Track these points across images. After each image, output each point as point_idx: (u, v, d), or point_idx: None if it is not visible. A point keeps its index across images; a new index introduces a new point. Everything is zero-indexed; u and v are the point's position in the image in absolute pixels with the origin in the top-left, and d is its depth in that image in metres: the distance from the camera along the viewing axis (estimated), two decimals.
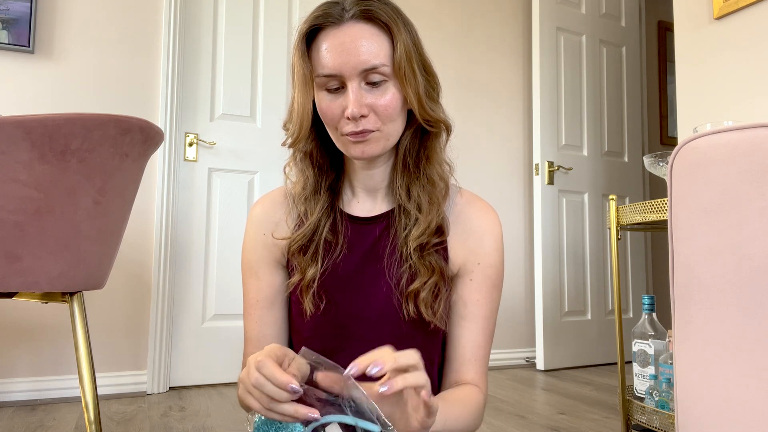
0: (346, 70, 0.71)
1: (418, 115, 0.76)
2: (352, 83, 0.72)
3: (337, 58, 0.71)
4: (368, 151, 0.75)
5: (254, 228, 0.85)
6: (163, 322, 2.29)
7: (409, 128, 0.79)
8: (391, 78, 0.73)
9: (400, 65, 0.72)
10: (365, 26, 0.72)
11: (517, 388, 2.44)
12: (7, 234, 1.06)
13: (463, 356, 0.82)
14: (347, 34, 0.71)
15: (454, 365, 0.83)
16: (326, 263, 0.79)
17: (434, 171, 0.80)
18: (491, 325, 0.83)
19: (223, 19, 2.53)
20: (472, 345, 0.82)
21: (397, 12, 0.75)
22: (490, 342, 0.84)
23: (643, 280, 3.31)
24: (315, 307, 0.78)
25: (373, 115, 0.73)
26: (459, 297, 0.83)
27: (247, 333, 0.86)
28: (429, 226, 0.77)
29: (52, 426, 1.79)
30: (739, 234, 0.53)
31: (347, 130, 0.73)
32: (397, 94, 0.74)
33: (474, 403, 0.77)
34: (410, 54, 0.73)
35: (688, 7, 2.09)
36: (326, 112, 0.75)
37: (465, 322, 0.82)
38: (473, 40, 3.07)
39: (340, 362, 0.79)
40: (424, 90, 0.75)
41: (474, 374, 0.82)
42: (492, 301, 0.83)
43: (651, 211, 1.44)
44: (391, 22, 0.72)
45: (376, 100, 0.73)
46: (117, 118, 1.14)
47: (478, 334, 0.82)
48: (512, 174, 3.11)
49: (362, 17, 0.72)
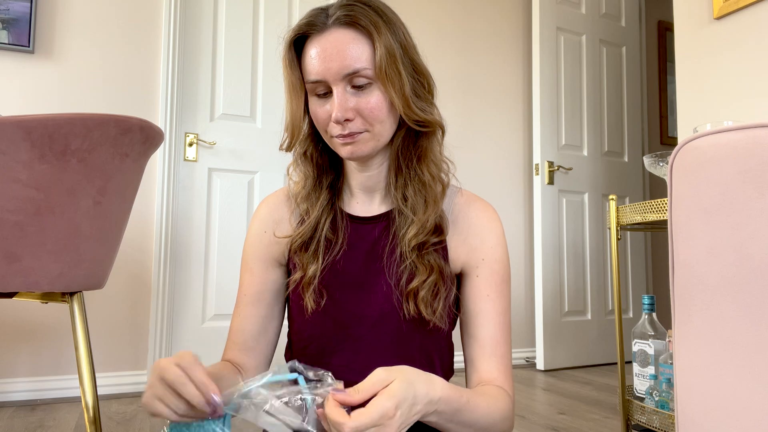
0: (329, 76, 0.73)
1: (404, 116, 0.76)
2: (337, 88, 0.73)
3: (321, 65, 0.73)
4: (357, 151, 0.76)
5: (257, 225, 0.87)
6: (163, 322, 2.29)
7: (401, 129, 0.80)
8: (375, 80, 0.74)
9: (381, 67, 0.72)
10: (347, 31, 0.73)
11: (517, 388, 2.44)
12: (7, 234, 1.06)
13: (482, 354, 0.80)
14: (329, 40, 0.73)
15: (475, 364, 0.81)
16: (326, 260, 0.80)
17: (427, 171, 0.80)
18: (506, 320, 0.82)
19: (223, 19, 2.53)
20: (490, 342, 0.80)
21: (380, 13, 0.75)
22: (508, 339, 0.82)
23: (643, 280, 3.31)
24: (315, 304, 0.79)
25: (360, 118, 0.74)
26: (468, 295, 0.82)
27: (230, 325, 0.87)
28: (424, 227, 0.77)
29: (52, 426, 1.79)
30: (739, 234, 0.53)
31: (335, 132, 0.75)
32: (381, 96, 0.74)
33: (500, 402, 0.74)
34: (393, 55, 0.73)
35: (688, 7, 2.09)
36: (316, 117, 0.77)
37: (479, 320, 0.81)
38: (473, 39, 3.07)
39: (341, 360, 0.79)
40: (411, 90, 0.75)
41: (497, 372, 0.80)
42: (503, 296, 0.82)
43: (651, 211, 1.44)
44: (371, 26, 0.73)
45: (360, 103, 0.74)
46: (117, 118, 1.14)
47: (495, 330, 0.81)
48: (512, 174, 3.11)
49: (344, 23, 0.73)
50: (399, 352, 0.79)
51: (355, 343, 0.79)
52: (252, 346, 0.85)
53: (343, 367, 0.79)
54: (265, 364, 0.88)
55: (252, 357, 0.85)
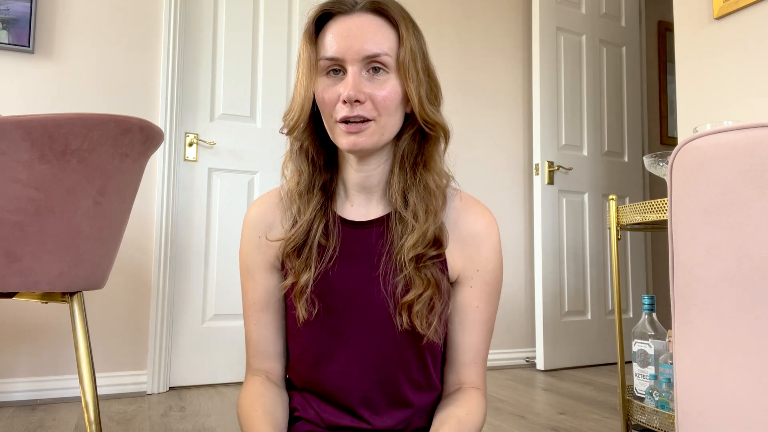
0: (348, 55, 0.72)
1: (418, 114, 0.75)
2: (353, 68, 0.72)
3: (342, 42, 0.72)
4: (360, 143, 0.73)
5: (249, 230, 0.85)
6: (163, 322, 2.29)
7: (408, 130, 0.79)
8: (393, 71, 0.73)
9: (404, 61, 0.73)
10: (375, 18, 0.74)
11: (517, 388, 2.44)
12: (7, 234, 1.06)
13: (464, 360, 0.83)
14: (355, 22, 0.73)
15: (455, 367, 0.84)
16: (319, 269, 0.78)
17: (431, 179, 0.79)
18: (490, 327, 0.85)
19: (223, 19, 2.53)
20: (473, 349, 0.83)
21: (408, 16, 0.77)
22: (488, 343, 0.85)
23: (643, 280, 3.31)
24: (308, 314, 0.78)
25: (370, 104, 0.73)
26: (460, 303, 0.83)
27: (247, 335, 0.86)
28: (424, 236, 0.76)
29: (52, 426, 1.79)
30: (739, 234, 0.53)
31: (341, 114, 0.73)
32: (397, 87, 0.74)
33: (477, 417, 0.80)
34: (416, 55, 0.74)
35: (688, 7, 2.09)
36: (323, 97, 0.74)
37: (466, 328, 0.83)
38: (473, 39, 3.07)
39: (337, 367, 0.79)
40: (425, 91, 0.76)
41: (475, 376, 0.84)
42: (491, 306, 0.84)
43: (651, 211, 1.44)
44: (400, 20, 0.74)
45: (374, 89, 0.73)
46: (117, 118, 1.14)
47: (479, 338, 0.83)
48: (512, 174, 3.11)
49: (373, 9, 0.74)
50: (394, 358, 0.78)
51: (351, 350, 0.78)
52: (277, 351, 0.86)
53: (339, 374, 0.78)
54: (286, 366, 0.88)
55: (279, 362, 0.86)
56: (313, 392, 0.81)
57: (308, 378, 0.81)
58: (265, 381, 0.83)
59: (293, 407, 0.83)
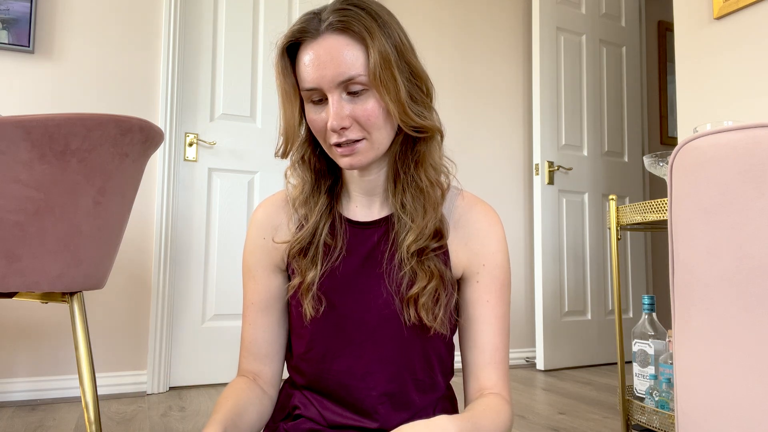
0: (324, 84, 0.71)
1: (401, 123, 0.75)
2: (332, 95, 0.72)
3: (315, 72, 0.72)
4: (356, 163, 0.75)
5: (255, 231, 0.86)
6: (163, 322, 2.29)
7: (399, 134, 0.79)
8: (370, 87, 0.72)
9: (375, 74, 0.71)
10: (340, 37, 0.71)
11: (517, 388, 2.44)
12: (7, 234, 1.06)
13: (482, 360, 0.81)
14: (322, 47, 0.71)
15: (474, 371, 0.81)
16: (325, 266, 0.79)
17: (425, 176, 0.79)
18: (506, 325, 0.82)
19: (223, 19, 2.53)
20: (489, 347, 0.81)
21: (374, 16, 0.73)
22: (507, 344, 0.82)
23: (643, 280, 3.31)
24: (314, 311, 0.78)
25: (356, 125, 0.73)
26: (468, 300, 0.82)
27: (242, 334, 0.87)
28: (422, 233, 0.76)
29: (52, 426, 1.79)
30: (739, 234, 0.53)
31: (333, 141, 0.74)
32: (378, 102, 0.73)
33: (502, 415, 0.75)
34: (388, 60, 0.72)
35: (688, 7, 2.09)
36: (313, 125, 0.76)
37: (478, 325, 0.81)
38: (473, 39, 3.07)
39: (341, 365, 0.79)
40: (407, 95, 0.74)
41: (496, 378, 0.80)
42: (503, 301, 0.82)
43: (651, 211, 1.44)
44: (364, 31, 0.71)
45: (356, 110, 0.72)
46: (117, 118, 1.14)
47: (494, 336, 0.81)
48: (512, 174, 3.11)
49: (337, 29, 0.71)
50: (400, 357, 0.78)
51: (356, 348, 0.79)
52: (268, 354, 0.85)
53: (344, 373, 0.79)
54: (281, 370, 0.88)
55: (268, 365, 0.86)
56: (317, 390, 0.81)
57: (312, 376, 0.81)
58: (249, 382, 0.84)
59: (294, 405, 0.83)
